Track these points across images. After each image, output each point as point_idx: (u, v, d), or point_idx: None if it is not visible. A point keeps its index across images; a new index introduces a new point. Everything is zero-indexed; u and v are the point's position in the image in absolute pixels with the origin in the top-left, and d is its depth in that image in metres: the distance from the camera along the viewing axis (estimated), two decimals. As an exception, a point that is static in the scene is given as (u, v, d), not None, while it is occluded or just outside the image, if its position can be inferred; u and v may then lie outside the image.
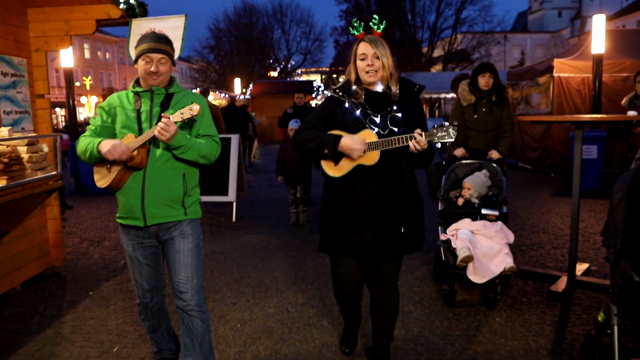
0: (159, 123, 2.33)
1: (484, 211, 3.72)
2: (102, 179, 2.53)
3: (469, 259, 3.44)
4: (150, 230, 2.57)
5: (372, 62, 2.50)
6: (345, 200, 2.57)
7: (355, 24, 2.60)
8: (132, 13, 4.48)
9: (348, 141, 2.45)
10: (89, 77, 43.67)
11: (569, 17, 61.09)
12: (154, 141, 2.46)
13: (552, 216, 6.70)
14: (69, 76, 9.67)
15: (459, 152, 4.38)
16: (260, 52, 46.00)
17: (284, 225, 6.43)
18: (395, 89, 2.57)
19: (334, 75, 47.86)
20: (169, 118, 2.33)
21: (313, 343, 3.19)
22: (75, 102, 10.29)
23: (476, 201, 3.87)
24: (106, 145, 2.38)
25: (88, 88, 43.02)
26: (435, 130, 2.39)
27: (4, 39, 4.20)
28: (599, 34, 8.98)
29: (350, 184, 2.55)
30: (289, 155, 6.30)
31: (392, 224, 2.54)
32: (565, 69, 10.06)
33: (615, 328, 2.17)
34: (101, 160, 2.48)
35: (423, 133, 2.39)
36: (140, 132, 2.49)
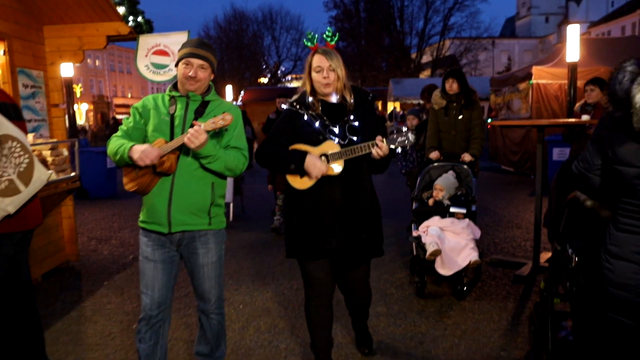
0: (190, 130, 2.31)
1: (452, 209, 4.19)
2: (130, 182, 2.50)
3: (437, 252, 3.86)
4: (173, 238, 2.54)
5: (327, 75, 2.55)
6: (310, 210, 2.61)
7: (309, 36, 2.64)
8: (139, 30, 4.82)
9: (313, 160, 2.50)
10: (79, 85, 43.93)
11: (555, 22, 62.10)
12: (185, 148, 2.42)
13: (527, 213, 7.22)
14: (69, 85, 10.10)
15: (434, 155, 4.87)
16: (250, 58, 46.34)
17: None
18: (349, 98, 2.64)
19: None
20: (200, 126, 2.31)
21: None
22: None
23: (447, 201, 4.34)
24: (137, 152, 2.36)
25: (78, 95, 43.27)
26: (395, 136, 2.48)
27: (24, 54, 4.65)
28: (573, 43, 9.56)
29: (314, 193, 2.59)
30: None
31: (355, 230, 2.60)
32: (543, 76, 10.63)
33: (548, 293, 2.67)
34: (130, 164, 2.46)
35: (384, 139, 2.47)
36: (172, 137, 2.46)
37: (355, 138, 2.59)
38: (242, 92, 27.41)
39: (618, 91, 1.77)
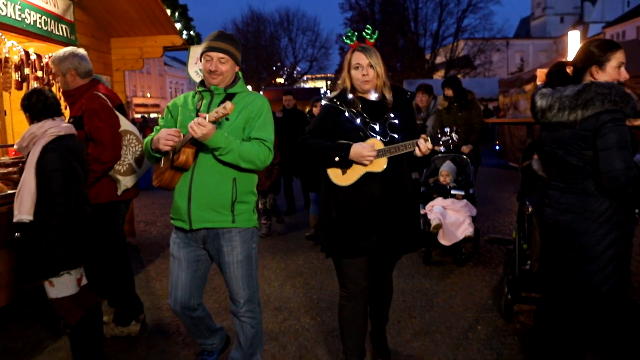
0: (194, 120, 2.30)
1: (453, 192, 5.02)
2: (156, 177, 2.57)
3: (439, 226, 4.69)
4: (198, 235, 2.55)
5: (366, 72, 2.55)
6: (350, 206, 2.58)
7: (349, 34, 2.64)
8: (191, 41, 5.54)
9: (359, 148, 2.47)
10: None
11: (570, 23, 61.96)
12: (201, 143, 2.39)
13: (526, 203, 8.01)
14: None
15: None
16: (267, 59, 47.29)
17: (302, 215, 7.74)
18: (389, 96, 2.63)
19: (339, 82, 49.02)
20: (205, 117, 2.29)
21: (333, 280, 4.49)
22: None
23: (452, 184, 5.16)
24: (157, 138, 2.44)
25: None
26: (439, 135, 2.48)
27: (97, 62, 5.57)
28: (574, 47, 10.31)
29: (354, 190, 2.56)
30: None
31: (396, 226, 2.59)
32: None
33: (517, 237, 3.50)
34: (157, 160, 2.57)
35: (428, 138, 2.46)
36: None
37: (396, 136, 2.58)
38: (261, 93, 28.38)
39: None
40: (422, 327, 3.51)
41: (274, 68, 47.58)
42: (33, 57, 4.58)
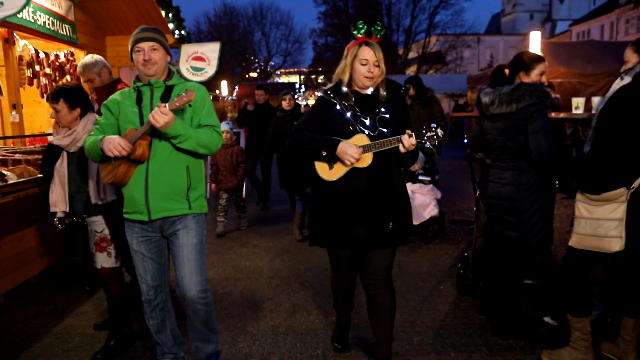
0: (154, 110, 2.34)
1: (420, 177, 5.65)
2: (107, 174, 2.56)
3: None
4: (155, 225, 2.59)
5: (372, 70, 2.57)
6: (336, 199, 2.64)
7: (359, 26, 2.63)
8: (182, 40, 5.83)
9: (345, 147, 2.52)
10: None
11: (539, 20, 63.62)
12: (156, 134, 2.46)
13: (490, 190, 8.76)
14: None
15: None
16: (241, 53, 47.25)
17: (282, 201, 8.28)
18: (383, 91, 2.65)
19: (313, 76, 49.33)
20: (165, 106, 2.34)
21: (317, 256, 5.06)
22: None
23: (420, 171, 5.79)
24: (106, 142, 2.43)
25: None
26: (424, 131, 2.51)
27: (94, 59, 6.01)
28: (535, 47, 11.11)
29: (341, 183, 2.62)
30: (221, 159, 5.92)
31: (381, 220, 2.62)
32: (512, 75, 12.17)
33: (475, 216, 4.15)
34: (105, 158, 2.53)
35: (413, 134, 2.48)
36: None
37: (385, 130, 2.61)
38: (237, 87, 28.66)
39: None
40: (395, 288, 4.11)
41: (252, 62, 47.63)
42: (42, 55, 5.00)
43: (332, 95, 2.68)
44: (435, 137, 2.49)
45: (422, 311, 3.69)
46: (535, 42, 11.14)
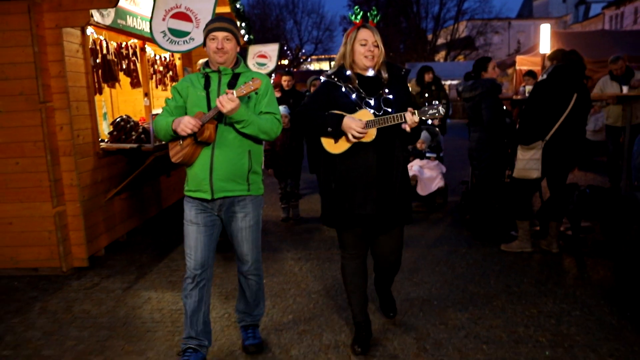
0: (222, 96, 2.49)
1: (427, 154, 6.95)
2: (176, 154, 2.72)
3: (414, 177, 6.50)
4: (215, 204, 2.76)
5: (372, 49, 2.68)
6: (347, 177, 2.72)
7: (356, 12, 2.76)
8: (249, 42, 6.99)
9: (349, 121, 2.61)
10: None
11: (573, 3, 62.71)
12: (222, 119, 2.62)
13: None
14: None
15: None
16: (273, 42, 48.27)
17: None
18: (384, 73, 2.76)
19: (337, 58, 49.79)
20: (233, 93, 2.48)
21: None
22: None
23: (426, 149, 7.14)
24: (177, 122, 2.59)
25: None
26: (426, 108, 2.59)
27: (184, 57, 7.82)
28: (545, 37, 12.50)
29: (351, 161, 2.71)
30: (279, 143, 5.85)
31: (389, 197, 2.74)
32: (525, 63, 13.50)
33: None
34: (174, 138, 2.70)
35: (415, 111, 2.57)
36: (209, 110, 2.64)
37: (389, 110, 2.71)
38: (273, 75, 30.20)
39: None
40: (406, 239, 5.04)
41: (285, 50, 49.05)
42: (157, 57, 6.88)
43: (336, 79, 2.79)
44: (437, 114, 2.59)
45: (424, 267, 5.36)
46: (545, 34, 12.52)
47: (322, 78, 2.91)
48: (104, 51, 5.36)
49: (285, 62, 48.75)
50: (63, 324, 3.68)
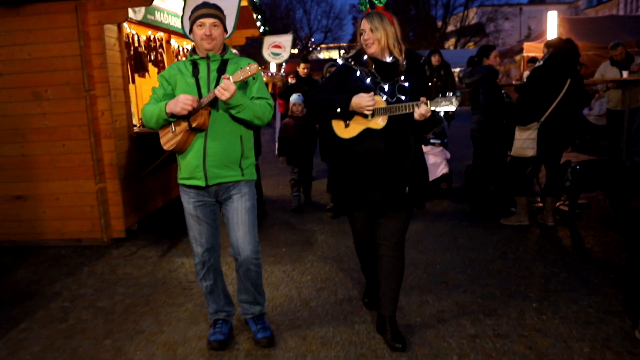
0: (221, 83, 2.47)
1: (432, 140, 7.19)
2: (168, 141, 2.69)
3: None
4: (210, 190, 2.75)
5: (368, 37, 2.68)
6: (355, 161, 2.75)
7: (362, 1, 2.78)
8: (265, 32, 7.45)
9: (357, 99, 2.61)
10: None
11: (586, -13, 61.85)
12: (215, 105, 2.60)
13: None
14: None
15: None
16: (283, 31, 48.64)
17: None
18: (402, 59, 2.72)
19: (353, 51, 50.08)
20: (229, 78, 2.45)
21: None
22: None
23: (431, 135, 7.59)
24: (173, 103, 2.54)
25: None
26: (439, 99, 2.54)
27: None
28: (552, 23, 12.77)
29: (360, 145, 2.72)
30: (292, 131, 5.86)
31: (398, 183, 2.72)
32: (532, 50, 13.78)
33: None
34: (166, 124, 2.67)
35: (428, 101, 2.54)
36: (199, 96, 2.60)
37: (403, 97, 2.68)
38: (284, 64, 30.61)
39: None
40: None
41: (295, 39, 49.22)
42: (181, 48, 7.35)
43: (352, 63, 2.80)
44: (449, 105, 2.52)
45: (428, 237, 5.86)
46: (552, 21, 12.79)
47: (340, 61, 2.95)
48: (136, 44, 5.88)
49: (295, 51, 49.12)
50: (110, 283, 4.21)
